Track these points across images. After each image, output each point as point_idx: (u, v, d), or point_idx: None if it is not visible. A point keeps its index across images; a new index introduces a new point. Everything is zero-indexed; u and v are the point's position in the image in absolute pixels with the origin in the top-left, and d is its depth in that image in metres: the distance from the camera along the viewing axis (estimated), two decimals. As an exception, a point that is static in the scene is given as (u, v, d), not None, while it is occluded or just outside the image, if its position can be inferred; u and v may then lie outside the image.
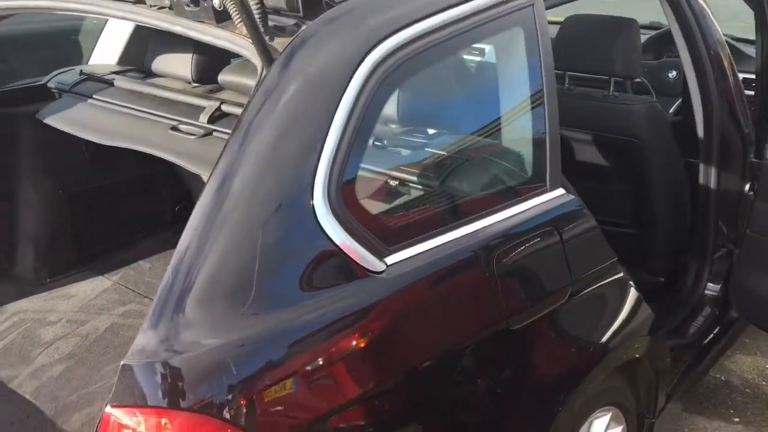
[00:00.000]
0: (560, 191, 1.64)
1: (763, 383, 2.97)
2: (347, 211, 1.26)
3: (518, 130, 1.59)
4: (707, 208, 2.60)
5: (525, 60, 1.57)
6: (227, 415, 1.10)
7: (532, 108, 1.59)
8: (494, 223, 1.48)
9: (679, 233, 2.70)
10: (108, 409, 1.09)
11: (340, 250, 1.24)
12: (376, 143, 1.41)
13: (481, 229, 1.46)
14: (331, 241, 1.23)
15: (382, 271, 1.29)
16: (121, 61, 2.39)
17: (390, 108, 1.41)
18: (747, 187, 2.48)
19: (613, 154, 2.63)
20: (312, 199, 1.22)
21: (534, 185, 1.60)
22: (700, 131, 2.48)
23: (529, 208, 1.56)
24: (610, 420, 1.86)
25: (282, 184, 1.23)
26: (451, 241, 1.41)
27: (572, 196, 1.66)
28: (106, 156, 2.33)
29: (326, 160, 1.24)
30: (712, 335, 2.61)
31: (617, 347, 1.73)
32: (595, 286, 1.71)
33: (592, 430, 1.84)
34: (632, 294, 1.84)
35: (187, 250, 1.16)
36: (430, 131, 1.57)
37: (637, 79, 3.15)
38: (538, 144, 1.60)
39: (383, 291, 1.28)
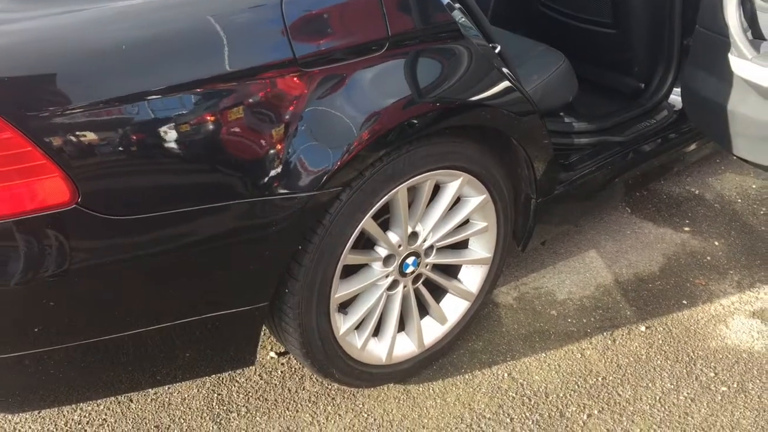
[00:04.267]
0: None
1: (738, 201, 2.76)
2: None
3: None
4: (672, 4, 2.35)
5: None
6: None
7: None
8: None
9: (660, 35, 2.48)
10: None
11: None
12: None
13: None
14: None
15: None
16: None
17: None
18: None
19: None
20: None
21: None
22: None
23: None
24: (464, 185, 1.82)
25: None
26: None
27: None
28: None
29: None
30: (660, 140, 2.46)
31: (442, 110, 1.67)
32: (424, 46, 1.65)
33: (445, 192, 1.86)
34: (481, 64, 1.76)
35: None
36: None
37: None
38: None
39: (142, 8, 1.35)
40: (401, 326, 1.97)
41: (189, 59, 1.39)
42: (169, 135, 1.38)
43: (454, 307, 2.06)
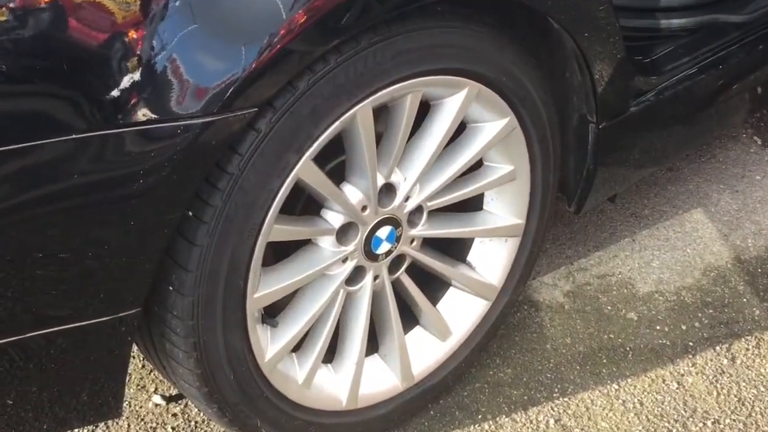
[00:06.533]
0: None
1: None
2: None
3: None
4: None
5: None
6: None
7: None
8: None
9: None
10: None
11: None
12: None
13: None
14: None
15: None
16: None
17: None
18: None
19: None
20: None
21: None
22: None
23: None
24: (472, 102, 1.83)
25: None
26: None
27: None
28: None
29: None
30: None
31: None
32: None
33: (440, 114, 1.84)
34: None
35: None
36: None
37: None
38: None
39: None
40: (373, 346, 1.98)
41: None
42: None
43: (462, 311, 2.07)
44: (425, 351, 2.04)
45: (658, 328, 2.25)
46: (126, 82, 1.45)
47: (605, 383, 2.13)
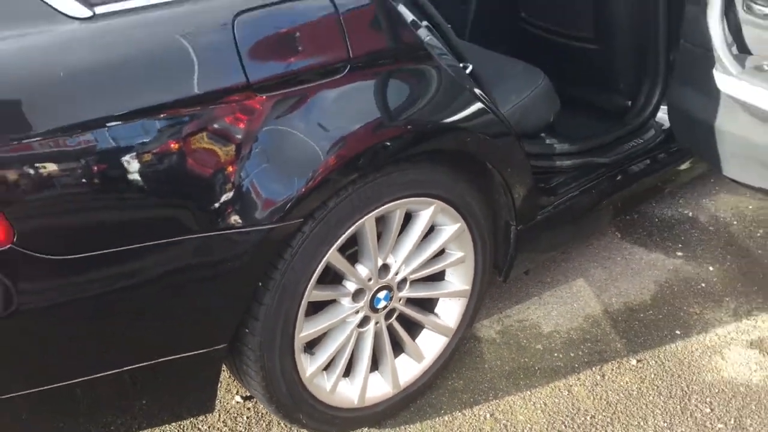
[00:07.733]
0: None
1: (734, 223, 2.78)
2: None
3: None
4: (656, 16, 2.40)
5: None
6: None
7: None
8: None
9: (644, 49, 2.52)
10: None
11: None
12: None
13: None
14: None
15: (88, 18, 1.37)
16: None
17: None
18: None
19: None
20: None
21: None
22: None
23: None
24: (437, 214, 1.84)
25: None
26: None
27: None
28: None
29: None
30: (648, 160, 2.49)
31: (414, 133, 1.68)
32: (390, 67, 1.68)
33: (417, 221, 1.85)
34: (452, 86, 1.77)
35: None
36: None
37: None
38: None
39: (85, 33, 1.37)
40: (374, 366, 1.97)
41: (129, 87, 1.39)
42: (112, 168, 1.38)
43: (431, 344, 2.06)
44: (408, 369, 2.03)
45: (555, 354, 2.24)
46: (224, 200, 1.47)
47: (522, 390, 2.12)
